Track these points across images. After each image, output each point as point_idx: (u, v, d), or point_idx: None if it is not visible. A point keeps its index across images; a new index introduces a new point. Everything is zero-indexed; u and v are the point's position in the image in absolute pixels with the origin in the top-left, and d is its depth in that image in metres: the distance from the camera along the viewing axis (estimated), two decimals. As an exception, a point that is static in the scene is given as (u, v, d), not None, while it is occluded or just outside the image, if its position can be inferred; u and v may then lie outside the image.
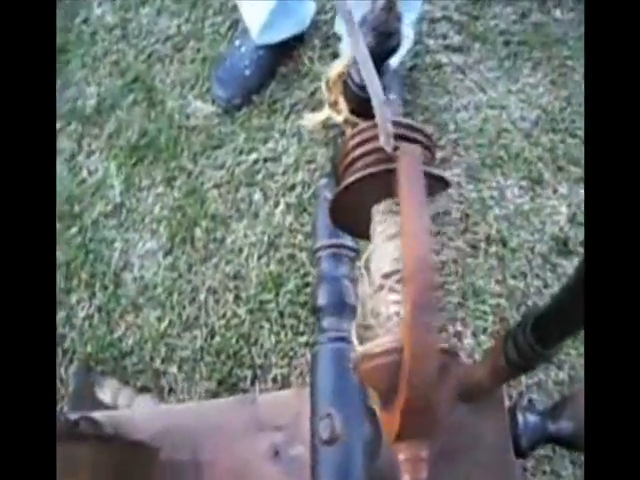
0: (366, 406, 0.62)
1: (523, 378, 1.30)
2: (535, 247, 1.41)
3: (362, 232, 0.53)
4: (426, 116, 1.54)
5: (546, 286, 1.39)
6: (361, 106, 0.62)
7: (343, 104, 0.65)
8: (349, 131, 0.63)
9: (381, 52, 0.52)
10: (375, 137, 0.50)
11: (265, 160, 1.50)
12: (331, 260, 0.69)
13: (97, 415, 0.81)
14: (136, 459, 0.73)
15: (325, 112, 0.70)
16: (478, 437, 0.74)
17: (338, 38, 1.60)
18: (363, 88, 0.60)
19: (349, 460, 0.61)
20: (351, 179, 0.48)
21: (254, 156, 1.50)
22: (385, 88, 0.54)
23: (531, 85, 1.56)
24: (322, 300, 0.68)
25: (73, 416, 0.79)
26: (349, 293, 0.67)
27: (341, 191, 0.49)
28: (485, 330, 1.35)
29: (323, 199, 0.77)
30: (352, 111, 0.64)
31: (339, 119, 0.66)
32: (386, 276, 0.47)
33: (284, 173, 1.49)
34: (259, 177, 1.48)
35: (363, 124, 0.52)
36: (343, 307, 0.67)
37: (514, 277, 1.39)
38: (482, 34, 1.62)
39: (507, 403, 0.77)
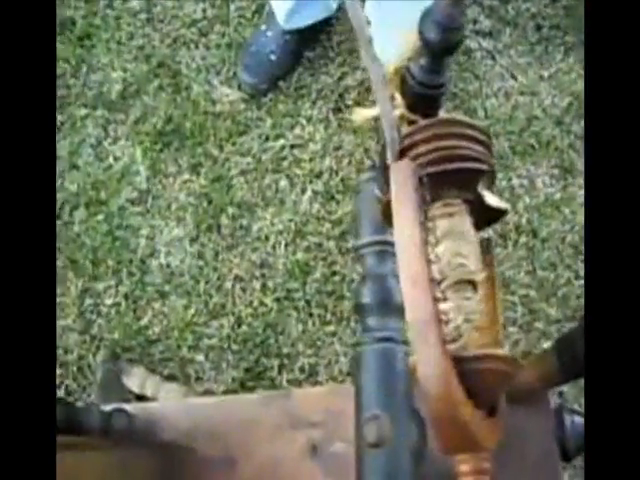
0: (412, 408, 0.61)
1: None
2: (566, 237, 1.39)
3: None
4: (455, 103, 1.52)
5: (577, 277, 1.37)
6: (419, 102, 0.61)
7: (399, 99, 0.63)
8: (405, 128, 0.61)
9: (445, 47, 0.51)
10: (436, 136, 0.49)
11: (292, 147, 1.49)
12: (376, 257, 0.68)
13: (129, 407, 0.81)
14: (170, 463, 0.72)
15: (377, 108, 0.68)
16: (523, 440, 0.73)
17: (368, 22, 1.57)
18: (422, 84, 0.58)
19: (396, 464, 0.59)
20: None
21: (280, 142, 1.49)
22: (445, 84, 0.52)
23: (563, 71, 1.53)
24: (367, 298, 0.67)
25: (106, 408, 0.78)
26: (395, 291, 0.65)
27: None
28: (515, 321, 1.33)
29: (369, 194, 0.75)
30: (409, 107, 0.62)
31: (395, 115, 0.64)
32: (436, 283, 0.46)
33: (311, 160, 1.47)
34: (285, 164, 1.47)
35: (423, 121, 0.50)
36: (388, 306, 0.65)
37: (544, 268, 1.37)
38: (513, 18, 1.59)
39: (553, 404, 0.76)
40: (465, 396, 0.45)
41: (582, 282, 1.36)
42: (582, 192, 1.43)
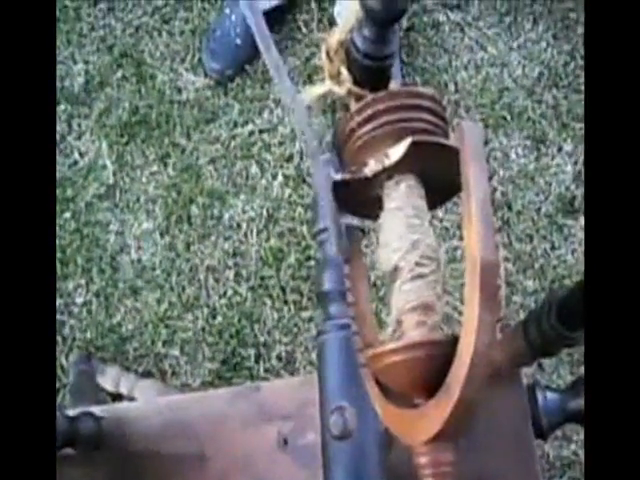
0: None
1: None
2: (541, 208, 1.38)
3: (368, 212, 0.50)
4: (425, 77, 1.49)
5: (553, 248, 1.35)
6: (366, 76, 0.58)
7: (346, 75, 0.60)
8: (353, 104, 0.59)
9: (388, 15, 0.48)
10: (385, 110, 0.47)
11: (261, 131, 1.46)
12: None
13: (97, 410, 0.79)
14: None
15: (326, 85, 0.65)
16: (493, 419, 0.71)
17: (333, 1, 1.54)
18: (368, 56, 0.55)
19: (363, 455, 0.58)
20: (374, 168, 0.45)
21: (249, 128, 1.46)
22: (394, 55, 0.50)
23: (532, 40, 1.50)
24: (328, 285, 0.65)
25: (72, 412, 0.77)
26: None
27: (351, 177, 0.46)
28: (492, 297, 1.31)
29: (326, 177, 0.73)
30: (356, 82, 0.59)
31: (342, 91, 0.61)
32: (399, 260, 0.44)
33: (281, 144, 1.45)
34: (255, 149, 1.45)
35: (370, 96, 0.48)
36: None
37: (520, 240, 1.36)
38: (480, -12, 1.56)
39: (525, 380, 0.74)
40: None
41: (558, 253, 1.34)
42: (555, 162, 1.41)
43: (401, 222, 0.46)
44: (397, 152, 0.45)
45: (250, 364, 1.27)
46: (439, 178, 0.47)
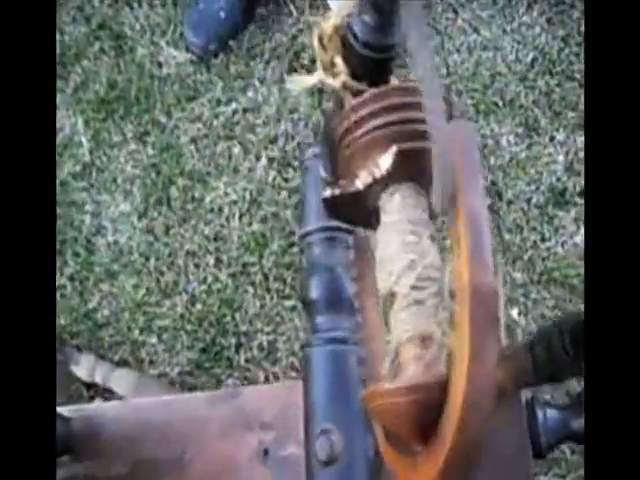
0: (367, 418, 0.55)
1: (519, 336, 1.25)
2: (531, 199, 1.35)
3: (369, 222, 0.46)
4: (415, 59, 1.44)
5: (543, 240, 1.32)
6: (364, 68, 0.52)
7: (341, 66, 0.55)
8: (349, 99, 0.53)
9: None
10: (387, 108, 0.42)
11: (244, 111, 1.41)
12: (324, 246, 0.61)
13: (65, 410, 0.75)
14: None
15: (318, 75, 0.59)
16: (491, 438, 0.68)
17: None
18: (367, 45, 0.50)
19: (351, 482, 0.54)
20: (365, 181, 0.40)
21: (233, 107, 1.41)
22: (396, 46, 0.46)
23: (527, 24, 1.46)
24: (314, 293, 0.60)
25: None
26: (346, 285, 0.58)
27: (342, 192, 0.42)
28: (480, 289, 1.28)
29: (314, 175, 0.68)
30: (353, 74, 0.54)
31: (336, 84, 0.55)
32: (395, 285, 0.40)
33: (265, 124, 1.40)
34: (238, 129, 1.40)
35: (368, 92, 0.44)
36: (339, 301, 0.58)
37: (510, 231, 1.33)
38: (474, -32, 1.51)
39: (524, 398, 0.71)
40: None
41: (548, 245, 1.32)
42: (547, 151, 1.37)
43: (396, 240, 0.41)
44: (386, 161, 0.41)
45: (230, 354, 1.23)
46: None
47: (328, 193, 0.43)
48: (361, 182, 0.42)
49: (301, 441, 0.61)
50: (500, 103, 1.41)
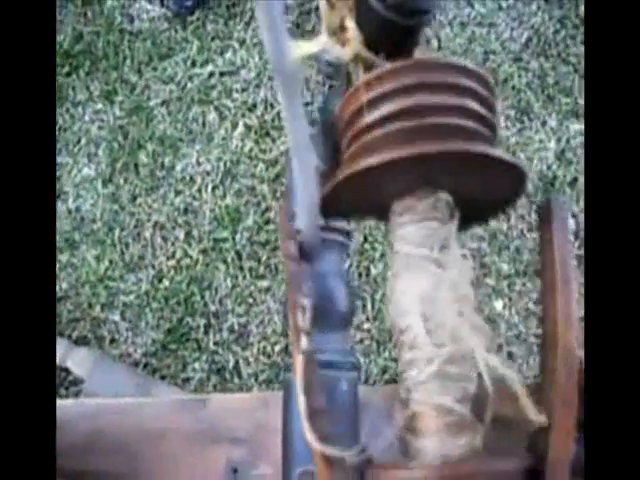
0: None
1: (502, 329, 1.21)
2: (520, 186, 1.30)
3: (366, 210, 0.39)
4: (405, 31, 1.38)
5: (530, 229, 1.28)
6: (384, 35, 0.43)
7: (353, 31, 0.45)
8: (362, 74, 0.44)
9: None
10: (405, 90, 0.34)
11: (221, 74, 1.35)
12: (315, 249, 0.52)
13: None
14: None
15: (321, 41, 0.49)
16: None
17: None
18: (393, 6, 0.40)
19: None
20: (364, 164, 0.33)
21: (209, 69, 1.35)
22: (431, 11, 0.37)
23: (523, 1, 1.41)
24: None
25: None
26: (338, 296, 0.49)
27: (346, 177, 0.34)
28: (465, 277, 1.24)
29: (307, 164, 0.58)
30: (369, 43, 0.44)
31: (345, 55, 0.46)
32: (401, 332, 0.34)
33: (243, 90, 1.34)
34: (214, 94, 1.34)
35: (387, 65, 0.35)
36: (330, 318, 0.49)
37: (496, 219, 1.27)
38: (470, -62, 1.44)
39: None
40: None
41: (535, 235, 1.27)
42: (539, 137, 1.32)
43: (411, 268, 0.35)
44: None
45: (199, 335, 1.17)
46: (478, 190, 0.36)
47: (328, 187, 0.36)
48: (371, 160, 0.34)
49: (277, 462, 0.53)
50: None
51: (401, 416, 0.33)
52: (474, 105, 0.34)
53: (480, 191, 0.36)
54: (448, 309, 0.33)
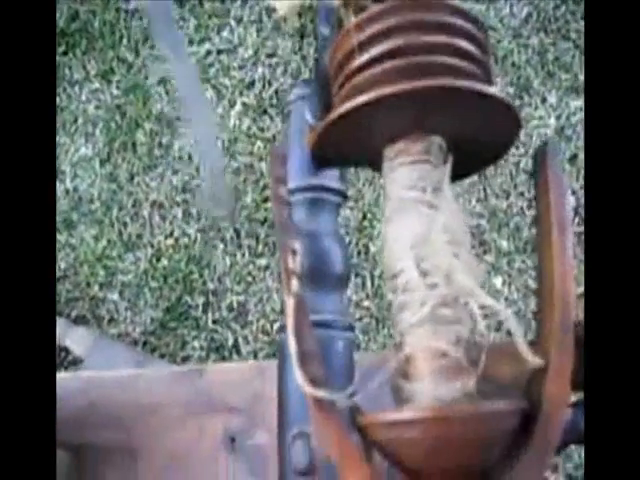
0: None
1: (503, 305, 1.21)
2: (520, 162, 1.30)
3: (358, 158, 0.39)
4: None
5: (530, 206, 1.28)
6: None
7: None
8: (353, 19, 0.44)
9: None
10: (397, 29, 0.34)
11: (219, 52, 1.35)
12: (308, 208, 0.51)
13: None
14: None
15: None
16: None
17: None
18: None
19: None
20: (356, 101, 0.33)
21: (206, 47, 1.35)
22: None
23: (523, -25, 1.39)
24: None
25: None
26: (334, 256, 0.49)
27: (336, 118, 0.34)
28: (464, 254, 1.24)
29: (298, 121, 0.57)
30: None
31: None
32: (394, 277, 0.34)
33: (241, 68, 1.34)
34: (212, 72, 1.33)
35: (378, 6, 0.35)
36: (324, 277, 0.49)
37: (496, 195, 1.28)
38: None
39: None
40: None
41: (534, 212, 1.27)
42: (538, 114, 1.32)
43: (403, 211, 0.34)
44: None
45: (197, 314, 1.17)
46: (472, 134, 0.35)
47: (319, 128, 0.36)
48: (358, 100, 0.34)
49: (273, 429, 0.53)
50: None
51: (395, 360, 0.33)
52: (465, 44, 0.34)
53: (474, 135, 0.35)
54: (441, 251, 0.33)
